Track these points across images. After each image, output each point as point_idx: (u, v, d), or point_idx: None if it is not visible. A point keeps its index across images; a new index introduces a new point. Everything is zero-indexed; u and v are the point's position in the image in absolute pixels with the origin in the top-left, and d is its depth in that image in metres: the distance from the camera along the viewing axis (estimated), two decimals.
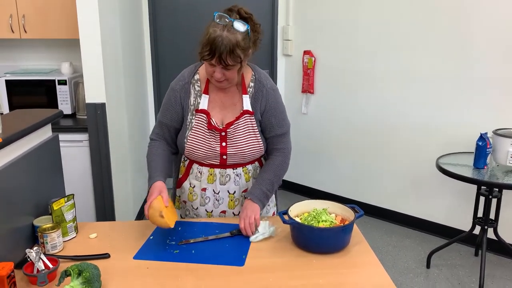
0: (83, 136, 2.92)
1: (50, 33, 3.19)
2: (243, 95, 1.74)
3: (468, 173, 2.72)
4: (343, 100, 3.83)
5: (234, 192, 1.83)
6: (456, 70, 3.20)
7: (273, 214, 1.97)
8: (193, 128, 1.73)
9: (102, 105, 2.80)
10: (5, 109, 3.23)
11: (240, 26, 1.56)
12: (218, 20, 1.56)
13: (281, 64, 4.18)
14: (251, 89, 1.75)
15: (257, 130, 1.76)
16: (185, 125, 1.76)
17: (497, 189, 2.83)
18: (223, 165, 1.77)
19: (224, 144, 1.73)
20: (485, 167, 2.78)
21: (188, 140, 1.74)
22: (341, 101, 3.85)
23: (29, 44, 3.59)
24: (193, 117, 1.74)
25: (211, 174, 1.79)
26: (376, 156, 3.73)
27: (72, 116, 3.28)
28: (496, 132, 2.76)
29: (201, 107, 1.73)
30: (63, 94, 3.24)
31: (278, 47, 4.14)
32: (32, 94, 3.23)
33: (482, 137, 2.74)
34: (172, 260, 1.53)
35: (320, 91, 3.97)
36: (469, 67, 3.14)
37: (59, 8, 3.12)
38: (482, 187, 2.87)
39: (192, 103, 1.74)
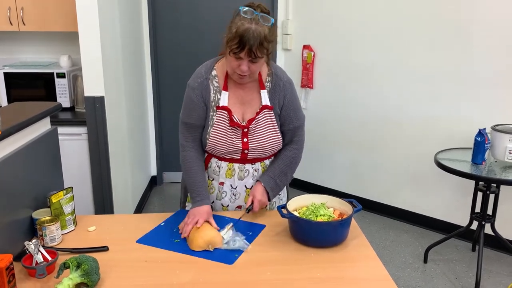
0: (82, 130, 2.92)
1: (48, 26, 3.17)
2: (261, 90, 1.76)
3: (466, 168, 2.73)
4: (342, 95, 3.83)
5: (252, 187, 1.84)
6: (455, 65, 3.19)
7: None
8: (214, 125, 1.73)
9: (101, 98, 2.79)
10: (4, 102, 3.22)
11: (267, 19, 1.58)
12: (245, 14, 1.57)
13: (281, 58, 4.18)
14: (268, 84, 1.77)
15: (276, 124, 1.78)
16: (207, 122, 1.75)
17: (495, 185, 2.84)
18: (243, 159, 1.79)
19: (245, 140, 1.75)
20: (483, 163, 2.79)
21: (210, 137, 1.74)
22: (340, 96, 3.84)
23: (27, 36, 3.57)
24: (214, 114, 1.74)
25: (229, 169, 1.80)
26: (375, 151, 3.73)
27: (71, 109, 3.27)
28: (494, 128, 2.77)
29: (221, 103, 1.73)
30: (61, 87, 3.23)
31: (277, 42, 4.12)
32: (31, 87, 3.22)
33: (481, 133, 2.75)
34: (171, 249, 1.55)
35: (319, 85, 3.97)
36: (469, 63, 3.13)
37: (57, 1, 3.10)
38: (480, 182, 2.87)
39: (212, 99, 1.74)
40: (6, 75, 3.17)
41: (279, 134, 1.80)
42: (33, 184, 1.67)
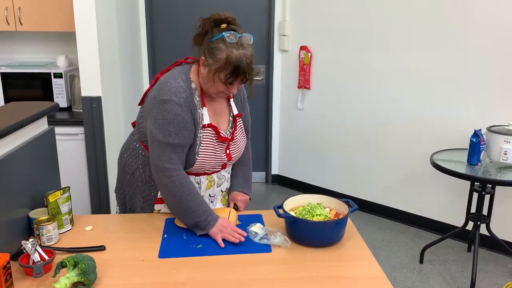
0: (79, 130, 2.92)
1: (46, 26, 3.17)
2: (230, 100, 1.79)
3: (462, 169, 2.74)
4: (339, 96, 3.84)
5: (226, 188, 1.89)
6: (451, 67, 3.21)
7: None
8: (202, 143, 1.68)
9: (98, 99, 2.80)
10: (0, 102, 3.21)
11: (248, 38, 1.55)
12: (230, 39, 1.51)
13: (278, 59, 4.18)
14: None
15: (244, 129, 1.85)
16: (195, 140, 1.68)
17: (490, 185, 2.85)
18: (222, 168, 1.82)
19: (228, 151, 1.76)
20: (479, 164, 2.80)
21: (200, 155, 1.68)
22: (337, 97, 3.86)
23: (24, 36, 3.57)
24: (201, 132, 1.68)
25: (209, 181, 1.79)
26: (371, 151, 3.75)
27: (68, 109, 3.27)
28: (490, 129, 2.78)
29: (205, 121, 1.68)
30: (58, 87, 3.23)
31: (274, 43, 4.14)
32: (28, 87, 3.22)
33: (476, 134, 2.76)
34: (199, 255, 1.53)
35: (316, 86, 3.98)
36: (465, 64, 3.15)
37: (55, 1, 3.11)
38: (476, 183, 2.89)
39: (198, 116, 1.67)
40: (3, 75, 3.17)
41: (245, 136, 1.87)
42: (30, 183, 1.67)
